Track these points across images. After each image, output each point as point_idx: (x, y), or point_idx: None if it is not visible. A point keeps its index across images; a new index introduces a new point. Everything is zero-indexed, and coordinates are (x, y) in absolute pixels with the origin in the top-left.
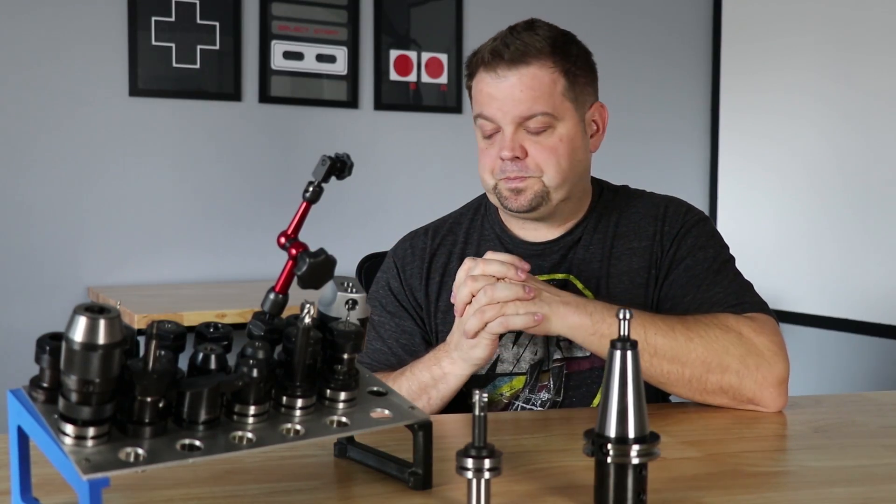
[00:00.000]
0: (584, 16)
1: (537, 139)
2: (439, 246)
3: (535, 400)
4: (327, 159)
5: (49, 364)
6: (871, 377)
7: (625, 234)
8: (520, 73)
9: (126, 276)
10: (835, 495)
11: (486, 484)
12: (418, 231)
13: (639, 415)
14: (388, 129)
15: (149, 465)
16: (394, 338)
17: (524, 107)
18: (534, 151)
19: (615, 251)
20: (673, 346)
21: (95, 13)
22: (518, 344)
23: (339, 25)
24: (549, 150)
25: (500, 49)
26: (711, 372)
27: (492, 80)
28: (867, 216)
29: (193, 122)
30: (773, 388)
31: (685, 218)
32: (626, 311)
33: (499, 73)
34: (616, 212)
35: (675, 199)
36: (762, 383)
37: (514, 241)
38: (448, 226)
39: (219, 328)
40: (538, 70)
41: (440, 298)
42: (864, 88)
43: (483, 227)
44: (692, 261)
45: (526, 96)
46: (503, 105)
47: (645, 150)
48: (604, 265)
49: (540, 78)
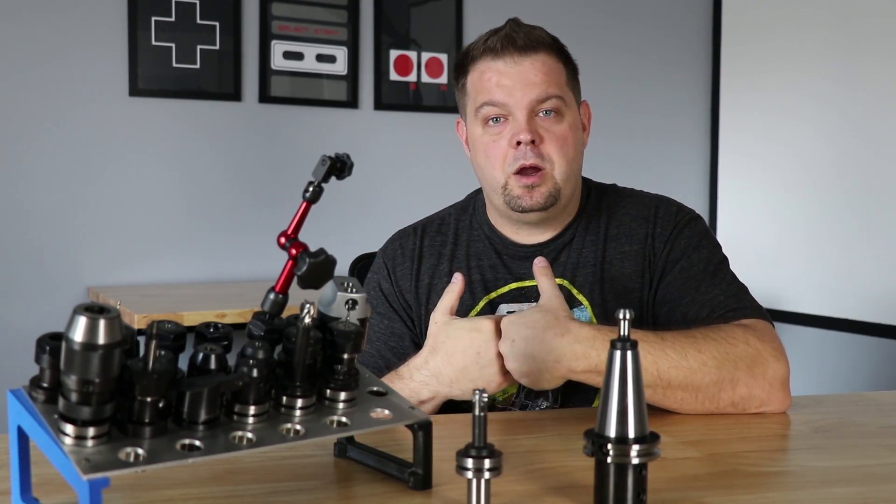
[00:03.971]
0: (584, 16)
1: (548, 126)
2: (429, 246)
3: (533, 406)
4: (327, 159)
5: (49, 364)
6: (871, 377)
7: (616, 236)
8: (532, 59)
9: (126, 276)
10: (835, 495)
11: (486, 484)
12: (406, 230)
13: (639, 415)
14: (387, 129)
15: (149, 465)
16: (382, 340)
17: (540, 89)
18: (547, 138)
19: (608, 255)
20: (687, 375)
21: (95, 13)
22: None
23: (339, 25)
24: (561, 138)
25: (512, 35)
26: (723, 390)
27: (504, 66)
28: (867, 216)
29: (193, 122)
30: (779, 392)
31: (677, 218)
32: (627, 311)
33: (514, 59)
34: (606, 213)
35: (665, 199)
36: (769, 389)
37: (503, 243)
38: (436, 226)
39: (219, 328)
40: (547, 57)
41: (430, 301)
42: (863, 89)
43: (472, 227)
44: (687, 262)
45: (540, 80)
46: (517, 90)
47: (645, 150)
48: (597, 270)
49: (550, 65)
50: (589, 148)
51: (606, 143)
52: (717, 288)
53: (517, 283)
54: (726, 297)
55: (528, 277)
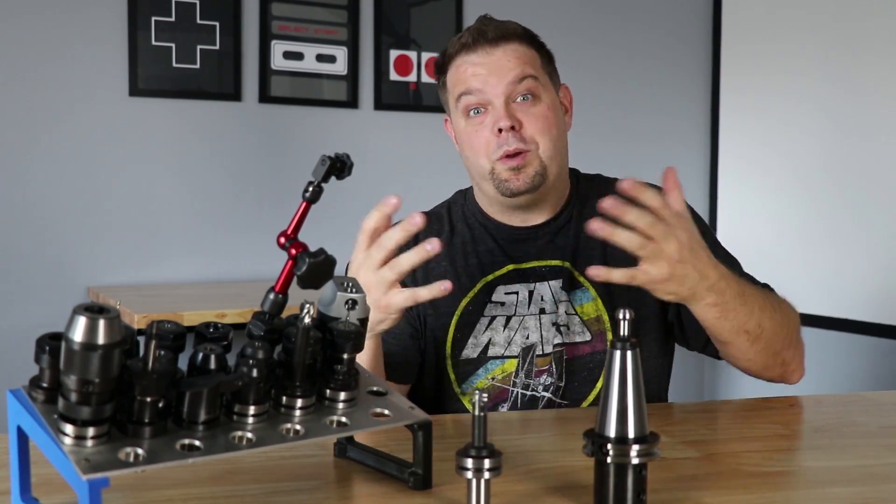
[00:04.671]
0: (584, 16)
1: (527, 110)
2: (425, 234)
3: (536, 385)
4: (327, 159)
5: (49, 364)
6: (871, 377)
7: (614, 218)
8: (504, 48)
9: (126, 276)
10: (835, 495)
11: (486, 484)
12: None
13: (639, 415)
14: (387, 129)
15: (148, 465)
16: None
17: (513, 73)
18: (527, 122)
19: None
20: (776, 326)
21: (95, 13)
22: (508, 327)
23: (339, 25)
24: (541, 118)
25: (483, 28)
26: (790, 345)
27: (478, 57)
28: (867, 216)
29: (193, 122)
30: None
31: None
32: (626, 311)
33: (486, 50)
34: (599, 197)
35: (654, 186)
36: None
37: (498, 228)
38: (433, 217)
39: (219, 328)
40: (519, 45)
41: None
42: (863, 90)
43: (466, 216)
44: None
45: (513, 64)
46: (491, 77)
47: (645, 151)
48: (599, 252)
49: (523, 51)
50: (588, 149)
51: (606, 145)
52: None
53: (514, 264)
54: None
55: (525, 259)
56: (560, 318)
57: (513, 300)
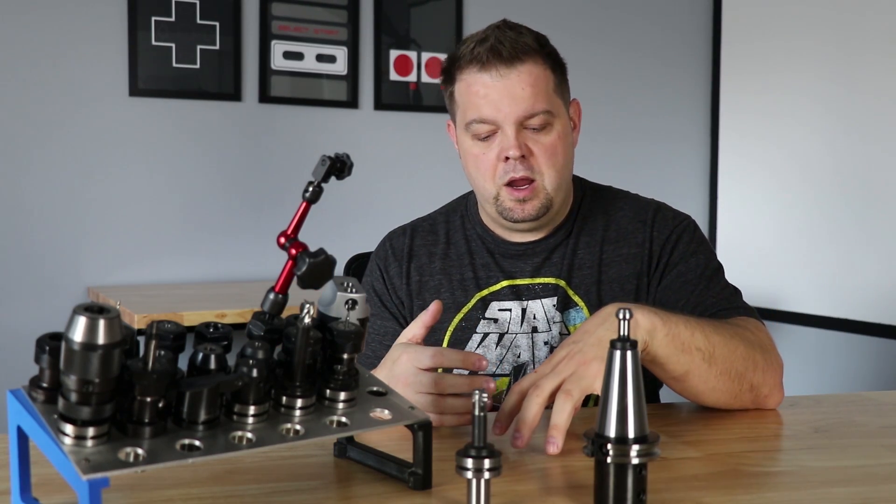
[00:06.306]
0: (583, 16)
1: (537, 138)
2: (420, 245)
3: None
4: (327, 159)
5: (49, 364)
6: (871, 377)
7: (614, 239)
8: (518, 71)
9: (126, 276)
10: (835, 495)
11: (486, 484)
12: (396, 231)
13: (639, 415)
14: (387, 129)
15: (148, 465)
16: (377, 341)
17: (527, 104)
18: (536, 150)
19: (605, 257)
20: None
21: (95, 13)
22: (501, 345)
23: (339, 25)
24: (550, 149)
25: (497, 47)
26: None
27: (490, 79)
28: (867, 216)
29: (193, 123)
30: (780, 384)
31: (674, 223)
32: (626, 310)
33: (499, 72)
34: (602, 215)
35: (661, 204)
36: (776, 377)
37: (495, 242)
38: (427, 226)
39: (219, 328)
40: (534, 66)
41: (421, 297)
42: (864, 89)
43: (464, 227)
44: (685, 267)
45: (527, 94)
46: (504, 104)
47: (645, 151)
48: (594, 272)
49: (537, 75)
50: (588, 149)
51: (606, 144)
52: (711, 291)
53: (508, 280)
54: (720, 300)
55: (520, 276)
56: (553, 339)
57: (506, 317)
